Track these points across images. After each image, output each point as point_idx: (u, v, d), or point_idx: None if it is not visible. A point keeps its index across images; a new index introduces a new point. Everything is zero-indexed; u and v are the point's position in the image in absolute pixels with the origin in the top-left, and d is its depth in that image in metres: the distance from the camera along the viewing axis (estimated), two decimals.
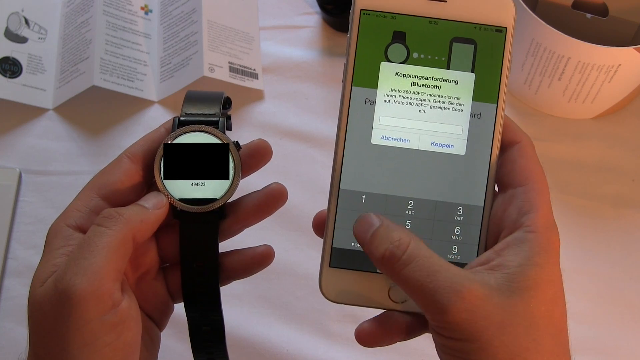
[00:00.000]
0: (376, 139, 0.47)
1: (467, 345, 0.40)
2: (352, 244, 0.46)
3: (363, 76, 0.47)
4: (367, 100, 0.47)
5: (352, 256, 0.47)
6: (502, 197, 0.46)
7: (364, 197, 0.47)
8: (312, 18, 0.89)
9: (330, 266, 0.47)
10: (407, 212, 0.47)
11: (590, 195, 0.77)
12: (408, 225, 0.46)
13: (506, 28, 0.46)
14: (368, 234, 0.43)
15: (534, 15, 0.72)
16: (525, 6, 0.73)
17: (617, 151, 0.79)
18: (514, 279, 0.40)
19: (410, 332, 0.46)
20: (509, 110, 0.82)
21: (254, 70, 0.84)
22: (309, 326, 0.70)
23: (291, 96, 0.84)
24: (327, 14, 0.87)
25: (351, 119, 0.47)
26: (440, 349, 0.42)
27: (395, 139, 0.47)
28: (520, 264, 0.41)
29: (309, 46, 0.87)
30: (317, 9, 0.88)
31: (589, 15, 0.77)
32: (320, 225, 0.48)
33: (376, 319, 0.47)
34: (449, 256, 0.46)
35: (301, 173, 0.78)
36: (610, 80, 0.74)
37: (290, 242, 0.74)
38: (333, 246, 0.47)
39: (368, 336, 0.46)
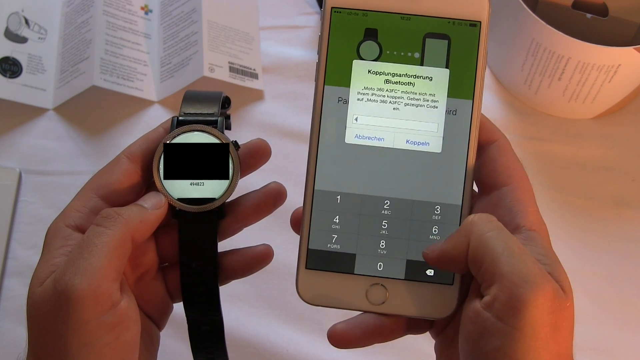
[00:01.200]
0: (350, 138, 0.46)
1: (519, 337, 0.38)
2: (329, 245, 0.46)
3: (335, 75, 0.46)
4: (340, 99, 0.46)
5: (329, 257, 0.46)
6: (487, 198, 0.46)
7: (339, 197, 0.46)
8: (312, 18, 0.89)
9: (306, 268, 0.47)
10: (383, 212, 0.46)
11: (590, 195, 0.77)
12: (384, 226, 0.46)
13: (480, 22, 0.46)
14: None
15: (534, 15, 0.72)
16: (525, 6, 0.73)
17: (617, 151, 0.79)
18: (560, 282, 0.40)
19: (387, 334, 0.46)
20: (509, 109, 0.82)
21: (254, 70, 0.84)
22: (309, 326, 0.70)
23: (291, 96, 0.83)
24: None
25: (324, 119, 0.46)
26: (480, 337, 0.40)
27: (369, 138, 0.46)
28: (548, 264, 0.41)
29: (309, 46, 0.87)
30: (317, 9, 0.89)
31: (589, 15, 0.77)
32: (298, 223, 0.48)
33: (351, 320, 0.46)
34: None
35: (301, 173, 0.77)
36: (610, 80, 0.74)
37: (290, 242, 0.73)
38: (309, 247, 0.47)
39: (342, 337, 0.45)
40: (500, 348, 0.38)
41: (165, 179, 0.47)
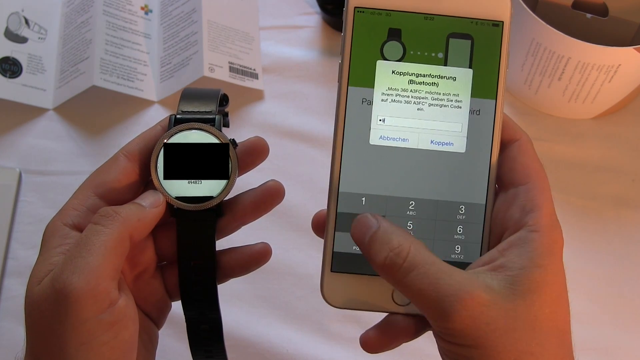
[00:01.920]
0: (374, 139, 0.46)
1: (471, 351, 0.39)
2: (354, 248, 0.46)
3: (359, 75, 0.46)
4: (364, 100, 0.46)
5: (354, 260, 0.46)
6: (503, 196, 0.45)
7: (364, 199, 0.46)
8: (312, 18, 0.89)
9: (332, 271, 0.46)
10: (408, 212, 0.46)
11: (590, 195, 0.77)
12: (410, 226, 0.46)
13: (503, 22, 0.46)
14: (366, 237, 0.42)
15: (534, 15, 0.72)
16: (525, 6, 0.73)
17: (617, 151, 0.79)
18: (517, 282, 0.40)
19: (414, 333, 0.46)
20: (509, 110, 0.82)
21: (254, 70, 0.84)
22: (309, 326, 0.70)
23: (291, 96, 0.84)
24: (327, 14, 0.87)
25: (348, 120, 0.46)
26: (444, 353, 0.42)
27: (394, 139, 0.46)
28: (524, 266, 0.40)
29: (309, 46, 0.87)
30: (317, 9, 0.88)
31: (589, 15, 0.77)
32: (319, 226, 0.48)
33: (381, 325, 0.46)
34: (452, 256, 0.46)
35: (301, 173, 0.78)
36: (610, 80, 0.74)
37: (290, 242, 0.74)
38: (334, 250, 0.46)
39: (375, 343, 0.45)
40: None
41: (166, 179, 0.47)
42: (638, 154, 0.79)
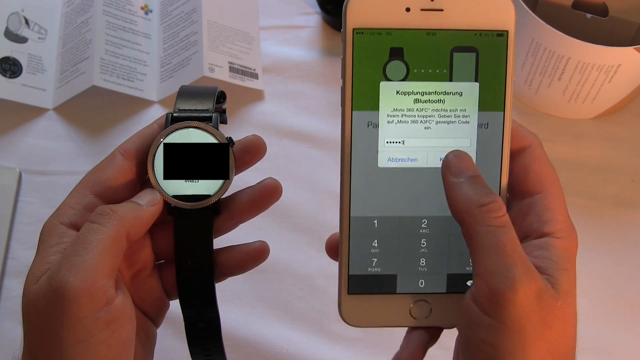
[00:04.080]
0: (383, 162, 0.45)
1: (505, 331, 0.39)
2: (369, 269, 0.46)
3: (363, 99, 0.44)
4: (369, 124, 0.45)
5: (370, 281, 0.46)
6: (517, 205, 0.46)
7: (376, 221, 0.46)
8: (312, 18, 0.89)
9: (348, 293, 0.46)
10: (421, 231, 0.46)
11: (590, 195, 0.77)
12: (423, 244, 0.46)
13: (507, 32, 0.44)
14: (466, 174, 0.42)
15: (534, 15, 0.72)
16: (525, 6, 0.73)
17: (617, 151, 0.79)
18: (555, 283, 0.41)
19: (434, 342, 0.47)
20: None
21: (254, 70, 0.84)
22: (309, 326, 0.70)
23: (291, 96, 0.84)
24: (327, 14, 0.87)
25: (355, 145, 0.45)
26: (468, 328, 0.41)
27: (402, 160, 0.45)
28: (556, 270, 0.41)
29: (309, 46, 0.87)
30: (317, 9, 0.89)
31: (589, 15, 0.77)
32: (333, 250, 0.48)
33: (408, 346, 0.46)
34: (467, 268, 0.46)
35: (301, 173, 0.78)
36: (610, 80, 0.74)
37: (290, 242, 0.74)
38: (350, 274, 0.46)
39: None
40: (487, 340, 0.39)
41: (166, 179, 0.47)
42: (638, 154, 0.79)
